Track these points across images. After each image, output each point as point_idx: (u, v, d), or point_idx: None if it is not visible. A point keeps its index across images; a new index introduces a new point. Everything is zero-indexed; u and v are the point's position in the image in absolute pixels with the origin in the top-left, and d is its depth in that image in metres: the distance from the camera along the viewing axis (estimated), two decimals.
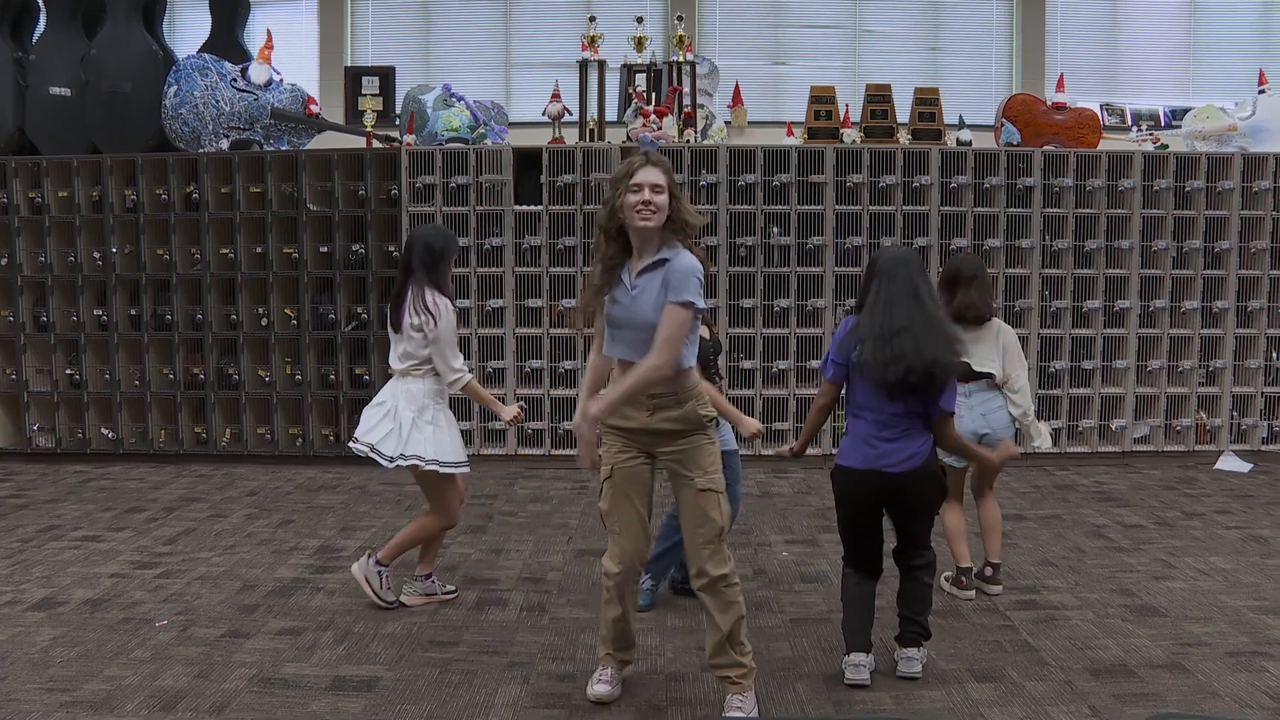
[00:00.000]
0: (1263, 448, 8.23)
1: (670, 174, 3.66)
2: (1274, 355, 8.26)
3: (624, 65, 8.68)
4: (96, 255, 8.19)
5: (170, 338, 8.20)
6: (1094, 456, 8.14)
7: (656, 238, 3.63)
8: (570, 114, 8.37)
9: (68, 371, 8.30)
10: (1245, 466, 8.02)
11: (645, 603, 4.79)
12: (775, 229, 8.02)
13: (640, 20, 8.45)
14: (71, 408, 8.32)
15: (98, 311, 8.26)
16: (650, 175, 3.58)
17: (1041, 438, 5.31)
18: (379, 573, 4.90)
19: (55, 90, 8.38)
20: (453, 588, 5.15)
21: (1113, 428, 8.15)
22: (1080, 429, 8.16)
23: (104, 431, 8.27)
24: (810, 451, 7.96)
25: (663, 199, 3.58)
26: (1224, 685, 4.06)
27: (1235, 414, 8.26)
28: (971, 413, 5.04)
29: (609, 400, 3.59)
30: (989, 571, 5.17)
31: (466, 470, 4.95)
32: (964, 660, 4.31)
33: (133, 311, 8.25)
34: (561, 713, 3.86)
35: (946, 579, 5.14)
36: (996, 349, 5.07)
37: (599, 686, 3.95)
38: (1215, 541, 6.06)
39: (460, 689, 4.07)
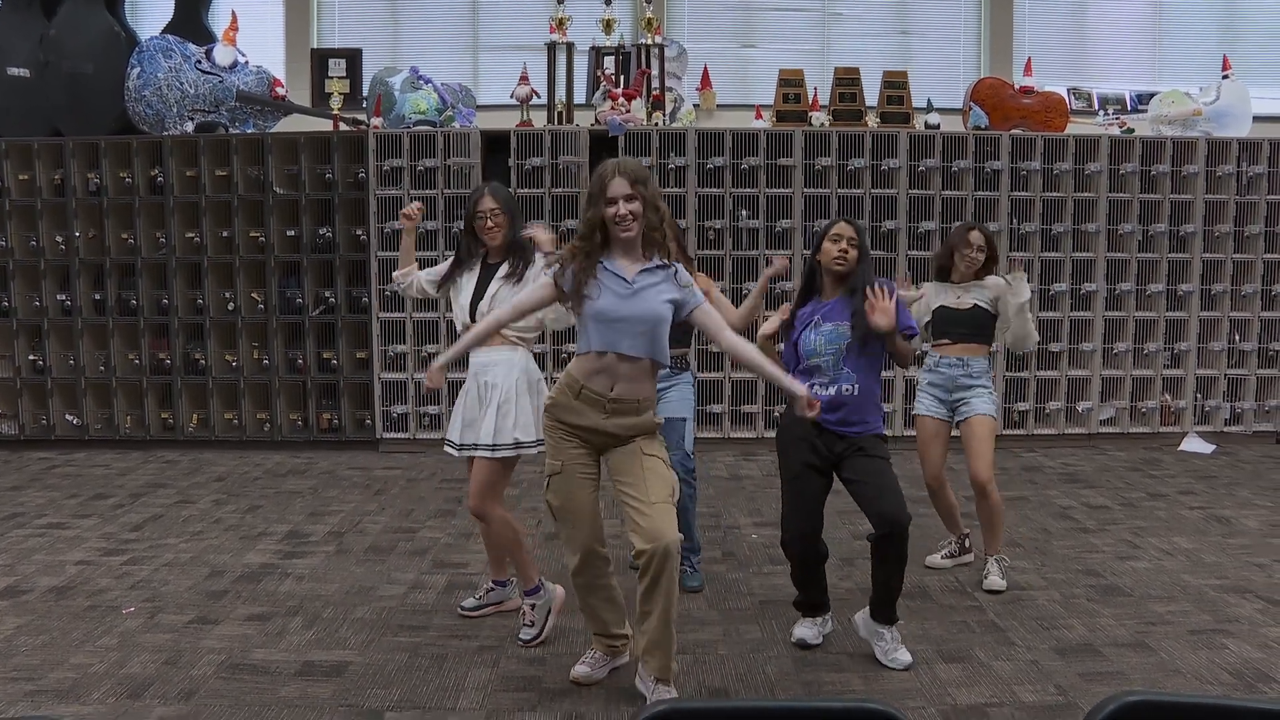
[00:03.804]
0: (1226, 429, 8.33)
1: (638, 179, 3.62)
2: (1237, 338, 8.36)
3: (592, 48, 8.64)
4: (59, 239, 8.08)
5: (135, 323, 8.12)
6: (1060, 438, 8.22)
7: (639, 241, 3.67)
8: (538, 97, 8.32)
9: (31, 357, 8.20)
10: (1209, 448, 8.12)
11: (695, 584, 4.97)
12: (744, 212, 8.03)
13: (608, 2, 8.41)
14: (35, 394, 8.22)
15: (61, 296, 8.16)
16: (620, 188, 3.59)
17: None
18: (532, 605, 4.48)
19: (14, 71, 8.25)
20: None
21: (1079, 410, 8.23)
22: (1047, 411, 8.23)
23: (68, 418, 8.18)
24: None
25: (635, 205, 3.61)
26: (1186, 663, 4.11)
27: (1199, 396, 8.36)
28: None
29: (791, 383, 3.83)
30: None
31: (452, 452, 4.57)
32: (932, 641, 4.34)
33: (97, 296, 8.16)
34: (531, 695, 3.87)
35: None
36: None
37: (579, 667, 3.98)
38: (1179, 522, 6.14)
39: (430, 673, 4.06)
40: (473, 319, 4.31)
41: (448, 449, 4.53)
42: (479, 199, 4.39)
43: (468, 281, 4.45)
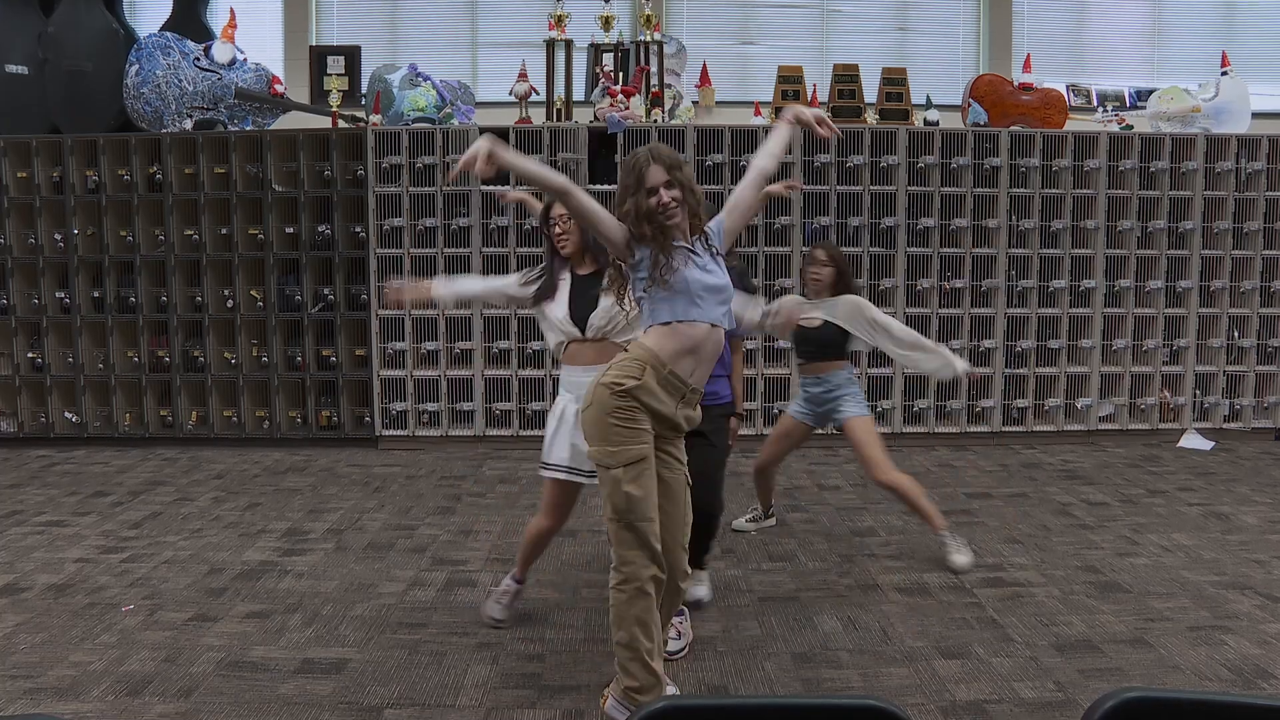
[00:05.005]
0: (1224, 426, 8.34)
1: (673, 164, 3.55)
2: (1236, 334, 8.36)
3: (591, 44, 8.64)
4: (58, 237, 8.08)
5: (134, 320, 8.12)
6: (1060, 435, 8.22)
7: (687, 225, 3.59)
8: (537, 94, 8.32)
9: (29, 355, 8.20)
10: (1208, 444, 8.13)
11: None
12: None
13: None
14: (34, 391, 8.22)
15: (60, 294, 8.16)
16: (657, 175, 3.51)
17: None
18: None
19: (11, 68, 8.24)
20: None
21: (1078, 406, 8.23)
22: (1046, 408, 8.23)
23: (67, 415, 8.18)
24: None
25: (676, 192, 3.51)
26: (1185, 659, 4.12)
27: (1198, 392, 8.36)
28: None
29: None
30: None
31: (550, 474, 4.29)
32: (931, 638, 4.35)
33: (95, 294, 8.16)
34: (531, 693, 3.87)
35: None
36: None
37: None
38: (1178, 518, 6.14)
39: (429, 670, 4.07)
40: (582, 331, 4.15)
41: (547, 473, 4.24)
42: (551, 204, 4.20)
43: (561, 290, 4.25)
